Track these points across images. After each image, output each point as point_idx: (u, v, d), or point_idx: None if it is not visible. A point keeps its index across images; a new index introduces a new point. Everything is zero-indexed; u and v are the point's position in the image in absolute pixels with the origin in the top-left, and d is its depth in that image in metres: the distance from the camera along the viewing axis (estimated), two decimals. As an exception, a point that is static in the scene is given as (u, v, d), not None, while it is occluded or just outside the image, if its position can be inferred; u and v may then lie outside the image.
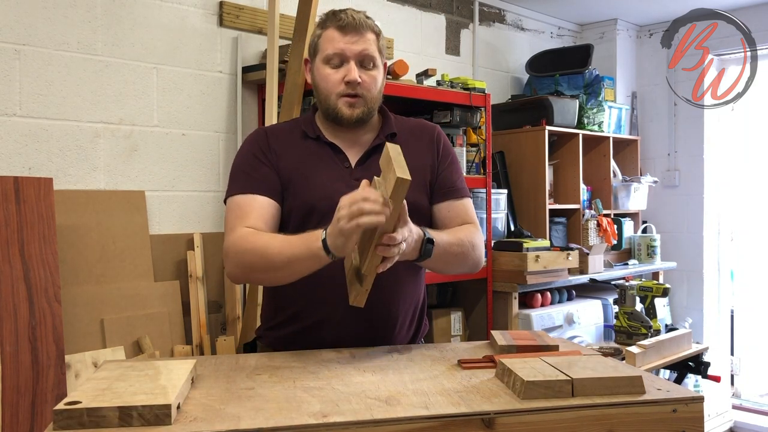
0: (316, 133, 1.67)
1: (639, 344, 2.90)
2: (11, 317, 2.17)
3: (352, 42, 1.58)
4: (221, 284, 2.90)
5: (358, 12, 1.63)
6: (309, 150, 1.66)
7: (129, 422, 1.00)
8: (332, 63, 1.60)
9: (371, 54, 1.60)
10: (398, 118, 1.76)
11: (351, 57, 1.58)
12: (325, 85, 1.61)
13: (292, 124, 1.76)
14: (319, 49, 1.62)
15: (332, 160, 1.64)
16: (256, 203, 1.57)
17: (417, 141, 1.71)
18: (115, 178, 2.63)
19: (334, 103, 1.61)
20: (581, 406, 1.11)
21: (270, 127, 1.78)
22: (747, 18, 3.96)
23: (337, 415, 1.05)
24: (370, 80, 1.61)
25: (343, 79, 1.58)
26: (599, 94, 4.05)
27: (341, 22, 1.58)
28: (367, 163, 1.64)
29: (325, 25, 1.62)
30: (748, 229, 4.77)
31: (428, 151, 1.71)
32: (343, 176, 1.62)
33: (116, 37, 2.63)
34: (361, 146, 1.66)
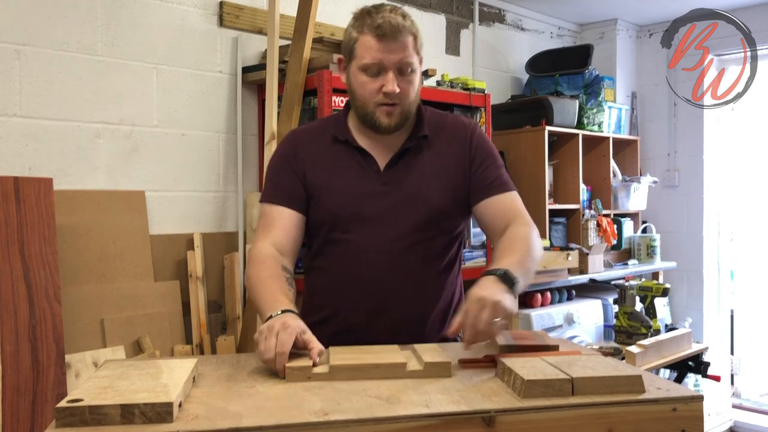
0: (345, 137, 1.65)
1: (639, 344, 2.90)
2: (11, 317, 2.17)
3: (390, 51, 1.53)
4: (221, 284, 2.90)
5: (395, 12, 1.56)
6: (337, 155, 1.65)
7: (131, 420, 1.00)
8: (370, 72, 1.55)
9: (409, 60, 1.55)
10: (435, 114, 1.72)
11: (389, 67, 1.54)
12: (362, 92, 1.58)
13: (323, 126, 1.73)
14: (356, 54, 1.57)
15: (359, 165, 1.63)
16: (279, 216, 1.62)
17: (450, 140, 1.67)
18: (115, 178, 2.63)
19: (372, 112, 1.58)
20: (581, 405, 1.11)
21: (301, 130, 1.77)
22: (747, 18, 3.96)
23: (338, 413, 1.05)
24: (408, 87, 1.57)
25: (381, 89, 1.55)
26: (599, 94, 4.06)
27: (379, 30, 1.52)
28: (397, 166, 1.63)
29: (362, 30, 1.55)
30: (748, 229, 4.77)
31: (460, 151, 1.67)
32: (371, 181, 1.61)
33: (116, 37, 2.63)
34: (391, 149, 1.64)
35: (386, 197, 1.61)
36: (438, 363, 1.28)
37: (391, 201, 1.60)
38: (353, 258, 1.60)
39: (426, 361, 1.27)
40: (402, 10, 1.58)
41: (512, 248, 1.55)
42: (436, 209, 1.61)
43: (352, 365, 1.26)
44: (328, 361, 1.28)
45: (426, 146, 1.66)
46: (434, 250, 1.64)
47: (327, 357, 1.33)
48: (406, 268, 1.59)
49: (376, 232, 1.59)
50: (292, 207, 1.63)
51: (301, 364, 1.26)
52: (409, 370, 1.26)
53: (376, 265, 1.58)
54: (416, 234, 1.60)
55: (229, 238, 2.95)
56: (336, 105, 2.71)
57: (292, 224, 1.62)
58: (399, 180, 1.62)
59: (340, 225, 1.61)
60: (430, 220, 1.61)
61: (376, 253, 1.59)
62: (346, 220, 1.60)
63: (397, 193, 1.61)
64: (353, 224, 1.60)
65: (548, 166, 3.78)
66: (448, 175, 1.64)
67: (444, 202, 1.62)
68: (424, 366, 1.27)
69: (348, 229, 1.60)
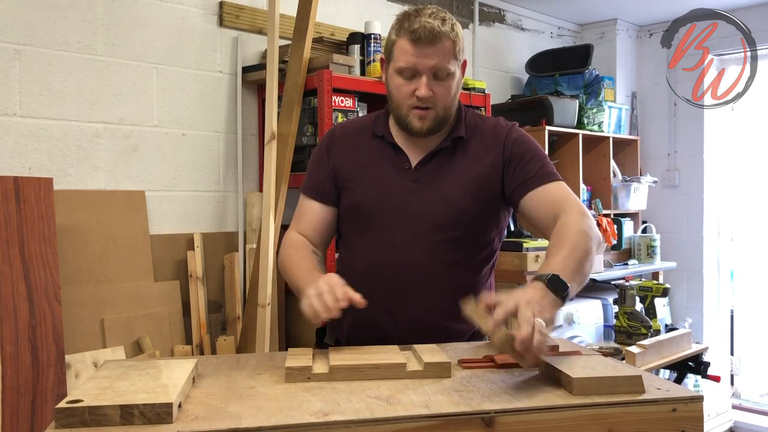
0: (382, 132, 1.67)
1: (639, 344, 2.90)
2: (11, 317, 2.17)
3: (425, 55, 1.52)
4: (221, 284, 2.90)
5: (434, 16, 1.54)
6: (372, 150, 1.68)
7: (130, 420, 1.01)
8: (404, 75, 1.56)
9: (445, 66, 1.54)
10: (474, 114, 1.72)
11: (423, 72, 1.54)
12: (397, 94, 1.59)
13: (366, 120, 1.76)
14: (393, 57, 1.58)
15: (392, 161, 1.65)
16: (309, 209, 1.71)
17: (486, 143, 1.66)
18: (115, 178, 2.63)
19: (405, 114, 1.59)
20: (581, 406, 1.11)
21: (342, 124, 1.81)
22: (747, 18, 3.96)
23: (337, 413, 1.05)
24: (443, 91, 1.56)
25: (415, 92, 1.55)
26: (599, 94, 4.05)
27: (415, 35, 1.51)
28: (429, 165, 1.63)
29: (400, 33, 1.55)
30: (748, 229, 4.77)
31: (494, 154, 1.65)
32: (400, 177, 1.63)
33: (116, 37, 2.63)
34: (426, 148, 1.64)
35: (414, 195, 1.62)
36: (438, 363, 1.28)
37: (419, 199, 1.61)
38: (377, 252, 1.62)
39: (426, 361, 1.27)
40: (444, 15, 1.57)
41: (562, 244, 1.47)
42: (462, 212, 1.61)
43: (352, 365, 1.26)
44: (327, 362, 1.28)
45: (461, 148, 1.66)
46: (460, 252, 1.63)
47: (327, 357, 1.33)
48: (427, 268, 1.60)
49: (401, 228, 1.61)
50: (322, 201, 1.70)
51: (301, 365, 1.26)
52: (409, 370, 1.26)
53: (398, 260, 1.59)
54: (439, 235, 1.60)
55: (229, 238, 2.95)
56: (336, 105, 2.71)
57: (320, 219, 1.70)
58: (429, 179, 1.63)
59: (367, 217, 1.64)
60: (457, 221, 1.61)
61: (399, 248, 1.60)
62: (372, 213, 1.63)
63: (425, 192, 1.62)
64: (378, 218, 1.62)
65: (548, 166, 3.77)
66: (479, 179, 1.63)
67: (471, 206, 1.61)
68: (424, 366, 1.27)
69: (374, 223, 1.63)
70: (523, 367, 1.27)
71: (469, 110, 1.73)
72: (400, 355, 1.32)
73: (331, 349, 1.39)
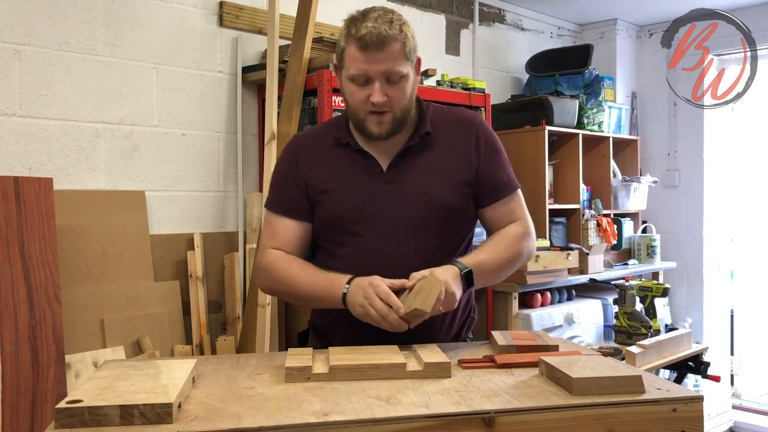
0: (346, 140, 1.65)
1: (639, 344, 2.90)
2: (11, 317, 2.17)
3: (375, 61, 1.51)
4: (221, 284, 2.90)
5: (382, 19, 1.53)
6: (339, 158, 1.65)
7: (130, 421, 1.01)
8: (357, 82, 1.55)
9: (396, 69, 1.53)
10: (437, 108, 1.72)
11: (375, 77, 1.53)
12: (352, 101, 1.58)
13: (326, 129, 1.73)
14: (344, 64, 1.57)
15: (362, 167, 1.63)
16: (283, 226, 1.67)
17: (454, 136, 1.67)
18: (115, 178, 2.63)
19: (363, 120, 1.58)
20: (581, 406, 1.11)
21: (303, 135, 1.78)
22: (747, 18, 3.96)
23: (337, 414, 1.05)
24: (398, 94, 1.56)
25: (369, 98, 1.54)
26: (599, 94, 4.05)
27: (362, 41, 1.50)
28: (399, 165, 1.63)
29: (347, 40, 1.54)
30: (748, 229, 4.77)
31: (465, 147, 1.66)
32: (374, 182, 1.62)
33: (116, 37, 2.63)
34: (394, 148, 1.64)
35: (391, 197, 1.61)
36: (438, 363, 1.28)
37: (396, 200, 1.60)
38: (361, 259, 1.60)
39: (426, 361, 1.27)
40: (391, 15, 1.55)
41: (495, 246, 1.63)
42: (442, 206, 1.61)
43: (352, 366, 1.26)
44: (327, 362, 1.28)
45: (430, 143, 1.65)
46: (444, 248, 1.63)
47: (326, 358, 1.32)
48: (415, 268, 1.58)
49: (383, 232, 1.60)
50: (294, 217, 1.66)
51: (300, 365, 1.26)
52: (409, 370, 1.26)
53: (383, 265, 1.57)
54: (424, 232, 1.60)
55: (229, 238, 2.95)
56: (336, 105, 2.71)
57: (294, 236, 1.66)
58: (403, 179, 1.62)
59: (346, 227, 1.61)
60: (438, 217, 1.61)
61: (383, 253, 1.59)
62: (351, 222, 1.61)
63: (402, 193, 1.61)
64: (359, 225, 1.60)
65: (548, 166, 3.78)
66: (454, 171, 1.63)
67: (450, 199, 1.62)
68: (424, 366, 1.27)
69: (354, 230, 1.61)
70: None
71: (430, 104, 1.72)
72: (400, 355, 1.32)
73: (331, 349, 1.38)
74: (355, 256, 1.60)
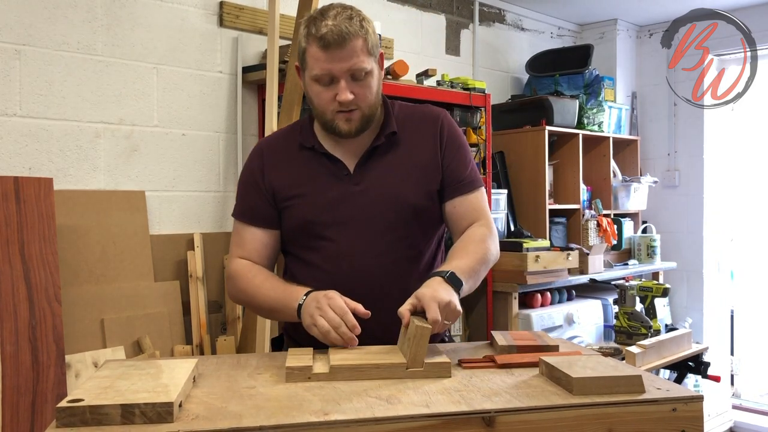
0: (311, 144, 1.63)
1: (639, 344, 2.90)
2: (11, 317, 2.17)
3: (338, 59, 1.48)
4: (221, 284, 2.90)
5: (341, 16, 1.50)
6: (305, 163, 1.64)
7: (131, 420, 1.01)
8: (322, 82, 1.52)
9: (360, 66, 1.50)
10: (402, 107, 1.70)
11: (340, 76, 1.50)
12: (318, 102, 1.56)
13: (289, 132, 1.71)
14: (307, 65, 1.54)
15: (329, 171, 1.61)
16: (249, 235, 1.66)
17: (419, 134, 1.65)
18: (115, 178, 2.63)
19: (331, 119, 1.56)
20: (581, 405, 1.11)
21: (267, 141, 1.75)
22: (747, 18, 3.96)
23: (338, 413, 1.05)
24: (364, 91, 1.53)
25: (335, 97, 1.52)
26: (599, 94, 4.06)
27: (323, 41, 1.47)
28: (366, 166, 1.61)
29: (308, 40, 1.51)
30: (748, 229, 4.77)
31: (431, 144, 1.64)
32: (342, 184, 1.60)
33: (116, 37, 2.63)
34: (360, 149, 1.62)
35: (359, 199, 1.59)
36: (438, 363, 1.28)
37: (365, 202, 1.59)
38: (333, 263, 1.58)
39: (426, 361, 1.27)
40: (350, 12, 1.52)
41: (465, 250, 1.56)
42: (412, 206, 1.60)
43: (353, 365, 1.26)
44: (328, 362, 1.28)
45: (396, 142, 1.63)
46: (415, 247, 1.63)
47: (327, 357, 1.33)
48: (388, 269, 1.58)
49: (354, 235, 1.58)
50: (261, 225, 1.65)
51: (301, 364, 1.26)
52: (410, 370, 1.26)
53: (357, 268, 1.56)
54: (394, 233, 1.59)
55: (229, 238, 2.93)
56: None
57: (263, 244, 1.65)
58: (371, 180, 1.60)
59: (316, 231, 1.59)
60: (408, 217, 1.60)
61: (355, 256, 1.57)
62: (322, 226, 1.59)
63: (371, 194, 1.59)
64: (329, 230, 1.58)
65: (548, 166, 3.78)
66: (421, 169, 1.62)
67: (419, 198, 1.60)
68: (424, 366, 1.27)
69: (324, 235, 1.59)
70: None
71: (395, 102, 1.71)
72: (401, 355, 1.32)
73: (331, 349, 1.38)
74: (326, 261, 1.59)
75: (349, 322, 1.38)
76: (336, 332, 1.38)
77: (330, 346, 1.40)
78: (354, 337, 1.38)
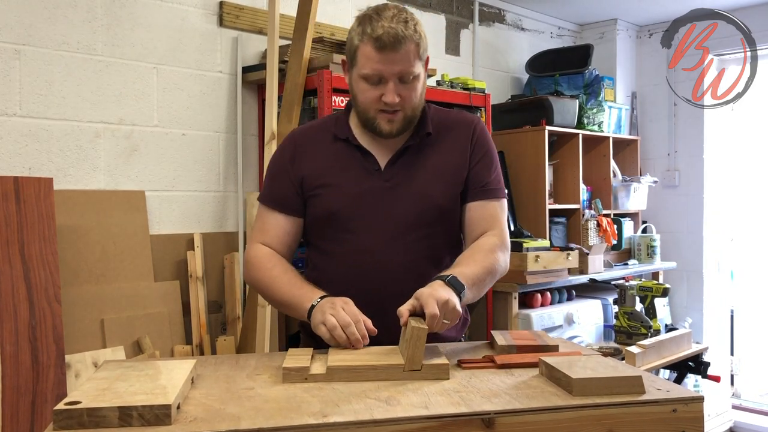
0: (345, 135, 1.65)
1: (639, 344, 2.90)
2: (11, 317, 2.17)
3: (390, 62, 1.51)
4: (221, 284, 2.90)
5: (397, 19, 1.52)
6: (337, 154, 1.65)
7: (129, 422, 1.00)
8: (370, 81, 1.54)
9: (410, 70, 1.53)
10: (437, 110, 1.72)
11: (389, 78, 1.52)
12: (363, 99, 1.57)
13: (324, 124, 1.73)
14: (357, 62, 1.55)
15: (360, 164, 1.62)
16: (274, 221, 1.66)
17: (452, 138, 1.66)
18: (115, 178, 2.63)
19: (373, 118, 1.58)
20: (581, 406, 1.11)
21: (301, 130, 1.76)
22: (747, 18, 3.96)
23: (337, 415, 1.05)
24: (410, 93, 1.55)
25: (381, 97, 1.54)
26: (599, 94, 4.05)
27: (379, 42, 1.49)
28: (398, 163, 1.62)
29: (363, 39, 1.53)
30: (748, 229, 4.76)
31: (462, 148, 1.65)
32: (371, 179, 1.61)
33: (116, 37, 2.63)
34: (393, 146, 1.63)
35: (387, 195, 1.60)
36: (436, 365, 1.28)
37: (393, 199, 1.60)
38: (354, 257, 1.59)
39: (424, 362, 1.27)
40: (405, 15, 1.54)
41: (473, 258, 1.56)
42: (438, 207, 1.61)
43: (349, 366, 1.26)
44: (326, 363, 1.28)
45: (429, 144, 1.65)
46: (437, 248, 1.63)
47: (325, 358, 1.32)
48: (408, 267, 1.58)
49: (378, 231, 1.59)
50: (286, 212, 1.66)
51: (297, 365, 1.25)
52: (407, 371, 1.26)
53: (377, 263, 1.57)
54: (418, 232, 1.60)
55: (229, 238, 2.95)
56: (336, 105, 2.71)
57: (285, 231, 1.66)
58: (400, 178, 1.61)
59: (341, 223, 1.61)
60: (433, 218, 1.61)
61: (377, 252, 1.58)
62: (346, 218, 1.60)
63: (399, 192, 1.60)
64: (354, 222, 1.60)
65: (548, 166, 3.78)
66: (451, 172, 1.63)
67: (445, 200, 1.62)
68: (422, 368, 1.26)
69: (349, 227, 1.60)
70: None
71: (431, 105, 1.72)
72: (399, 356, 1.32)
73: (331, 349, 1.38)
74: (347, 254, 1.60)
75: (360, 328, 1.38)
76: (344, 330, 1.38)
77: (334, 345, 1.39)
78: (360, 339, 1.38)
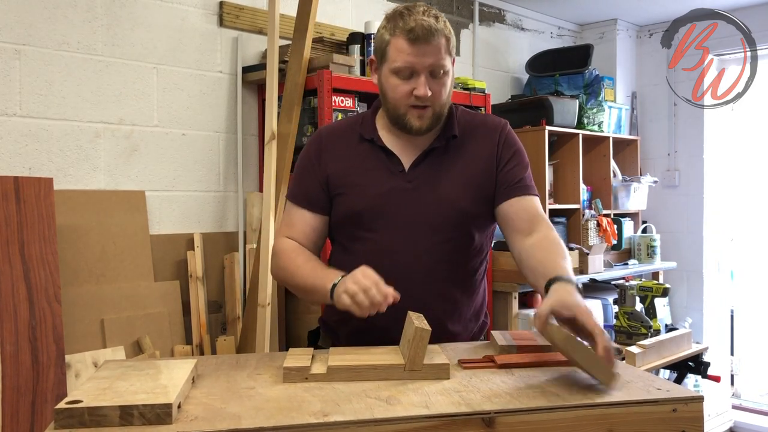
0: (371, 136, 1.65)
1: (639, 344, 2.90)
2: (11, 317, 2.17)
3: (423, 54, 1.51)
4: (221, 284, 2.90)
5: (428, 14, 1.53)
6: (362, 155, 1.65)
7: (130, 421, 1.00)
8: (402, 75, 1.54)
9: (441, 63, 1.53)
10: (464, 112, 1.71)
11: (421, 71, 1.52)
12: (393, 95, 1.57)
13: (351, 124, 1.73)
14: (388, 57, 1.55)
15: (384, 165, 1.62)
16: (300, 217, 1.68)
17: (478, 142, 1.66)
18: (115, 178, 2.63)
19: (403, 114, 1.57)
20: (581, 406, 1.11)
21: (327, 129, 1.77)
22: (747, 18, 3.96)
23: (337, 414, 1.05)
24: (440, 89, 1.56)
25: (413, 92, 1.54)
26: (599, 94, 4.05)
27: (412, 34, 1.50)
28: (422, 165, 1.62)
29: (394, 32, 1.53)
30: (748, 229, 4.76)
31: (489, 152, 1.65)
32: (395, 180, 1.61)
33: (116, 37, 2.63)
34: (418, 148, 1.63)
35: (411, 197, 1.60)
36: (436, 365, 1.28)
37: (416, 201, 1.60)
38: (377, 256, 1.58)
39: (424, 362, 1.27)
40: (435, 12, 1.55)
41: (559, 253, 1.53)
42: (462, 211, 1.60)
43: (350, 366, 1.26)
44: (326, 362, 1.28)
45: (455, 146, 1.65)
46: (459, 252, 1.63)
47: (326, 358, 1.32)
48: (428, 270, 1.59)
49: (401, 232, 1.59)
50: (312, 209, 1.67)
51: (298, 365, 1.26)
52: (407, 371, 1.26)
53: (397, 265, 1.57)
54: (440, 235, 1.60)
55: (229, 238, 2.95)
56: (336, 105, 2.71)
57: (311, 228, 1.67)
58: (424, 180, 1.61)
59: (364, 223, 1.61)
60: (455, 221, 1.61)
61: (399, 253, 1.59)
62: (370, 219, 1.61)
63: (422, 193, 1.60)
64: (377, 223, 1.60)
65: (548, 166, 3.78)
66: (476, 176, 1.62)
67: (470, 204, 1.61)
68: (422, 368, 1.27)
69: (372, 227, 1.61)
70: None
71: (459, 107, 1.72)
72: (399, 356, 1.32)
73: (332, 349, 1.38)
74: (368, 254, 1.60)
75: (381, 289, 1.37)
76: (365, 294, 1.37)
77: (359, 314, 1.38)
78: (382, 301, 1.36)
